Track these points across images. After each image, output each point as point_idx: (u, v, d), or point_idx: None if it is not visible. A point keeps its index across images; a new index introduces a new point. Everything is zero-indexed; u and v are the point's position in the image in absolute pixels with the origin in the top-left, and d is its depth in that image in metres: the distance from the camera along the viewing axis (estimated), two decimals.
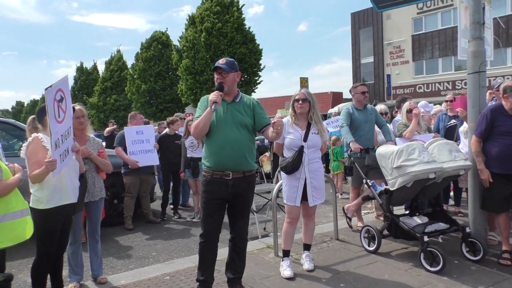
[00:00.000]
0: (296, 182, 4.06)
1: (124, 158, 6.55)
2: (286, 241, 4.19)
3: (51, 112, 3.00)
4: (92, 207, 4.06)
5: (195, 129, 3.37)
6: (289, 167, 4.02)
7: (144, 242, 5.81)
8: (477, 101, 4.48)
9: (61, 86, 3.20)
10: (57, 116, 3.10)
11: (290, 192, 4.09)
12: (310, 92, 4.14)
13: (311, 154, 4.05)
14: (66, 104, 3.28)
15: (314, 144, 4.05)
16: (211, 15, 25.80)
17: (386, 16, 29.59)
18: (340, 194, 8.71)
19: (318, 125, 4.08)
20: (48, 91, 2.99)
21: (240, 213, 3.56)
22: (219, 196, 3.41)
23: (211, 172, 3.41)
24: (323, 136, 4.12)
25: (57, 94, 3.13)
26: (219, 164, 3.38)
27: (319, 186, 4.12)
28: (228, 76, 3.43)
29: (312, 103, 4.07)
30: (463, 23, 4.74)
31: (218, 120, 3.39)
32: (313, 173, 4.07)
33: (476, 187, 4.48)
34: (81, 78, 48.94)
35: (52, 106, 3.03)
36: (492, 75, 18.22)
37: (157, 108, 33.79)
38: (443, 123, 6.33)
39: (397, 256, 4.50)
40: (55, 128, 3.05)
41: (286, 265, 4.07)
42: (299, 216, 4.23)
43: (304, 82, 17.82)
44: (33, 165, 3.17)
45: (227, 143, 3.35)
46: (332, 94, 34.22)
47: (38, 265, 3.31)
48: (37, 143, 3.26)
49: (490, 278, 3.83)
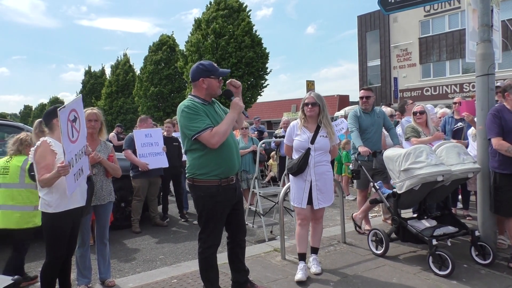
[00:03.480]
0: (302, 184, 4.05)
1: (134, 161, 6.58)
2: (300, 244, 4.14)
3: (64, 132, 2.98)
4: (100, 211, 4.08)
5: (223, 137, 3.16)
6: (294, 169, 4.03)
7: (152, 245, 5.82)
8: (485, 103, 4.45)
9: (74, 106, 3.20)
10: (70, 136, 3.09)
11: (297, 193, 4.10)
12: (320, 95, 4.14)
13: (318, 157, 4.04)
14: (80, 123, 3.27)
15: (321, 146, 4.04)
16: (219, 17, 25.86)
17: (393, 19, 29.49)
18: (347, 195, 8.72)
19: (327, 128, 4.08)
20: (62, 112, 2.98)
21: (242, 214, 3.58)
22: (230, 203, 3.37)
23: (219, 181, 3.24)
24: (332, 140, 4.10)
25: (71, 114, 3.13)
26: (230, 170, 3.32)
27: (325, 190, 4.09)
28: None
29: (322, 107, 4.08)
30: (471, 26, 4.72)
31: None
32: (319, 176, 4.05)
33: (485, 190, 4.45)
34: (90, 82, 49.29)
35: (66, 126, 3.02)
36: (501, 78, 18.09)
37: (164, 112, 33.91)
38: (450, 126, 6.30)
39: (405, 259, 4.46)
40: (69, 147, 3.05)
41: (299, 268, 4.03)
42: (310, 219, 4.21)
43: (311, 85, 17.82)
44: (42, 169, 3.17)
45: (233, 148, 3.36)
46: (338, 97, 34.17)
47: (48, 269, 3.32)
48: (45, 147, 3.25)
49: (500, 282, 3.79)
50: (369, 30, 31.81)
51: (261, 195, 6.06)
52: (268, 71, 27.19)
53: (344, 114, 13.03)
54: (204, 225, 3.31)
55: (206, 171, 3.23)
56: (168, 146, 7.08)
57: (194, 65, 3.38)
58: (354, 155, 5.44)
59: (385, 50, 30.61)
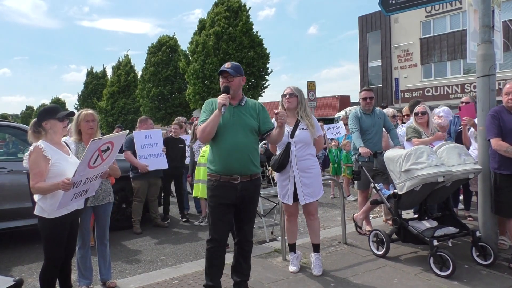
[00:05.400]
0: (286, 180, 4.05)
1: (134, 162, 6.58)
2: (289, 235, 4.30)
3: (87, 158, 2.97)
4: (100, 212, 4.07)
5: (202, 133, 3.32)
6: (276, 165, 4.03)
7: (152, 246, 5.82)
8: (486, 104, 4.44)
9: (114, 140, 3.18)
10: (91, 162, 3.05)
11: (282, 190, 4.12)
12: (298, 88, 4.14)
13: (300, 151, 4.01)
14: (110, 154, 3.23)
15: (301, 139, 4.01)
16: (222, 19, 25.90)
17: (394, 20, 29.49)
18: (347, 196, 8.71)
19: (306, 120, 4.05)
20: (95, 142, 2.95)
21: (248, 216, 3.55)
22: (227, 200, 3.38)
23: (219, 176, 3.37)
24: (312, 132, 4.05)
25: (105, 145, 3.10)
26: (227, 168, 3.35)
27: (311, 184, 4.04)
28: (234, 80, 3.41)
29: (300, 98, 4.08)
30: (472, 26, 4.72)
31: (226, 123, 3.36)
32: (303, 171, 4.02)
33: (487, 191, 4.44)
34: (91, 83, 49.38)
35: (91, 154, 2.99)
36: (502, 78, 18.07)
37: (165, 112, 33.95)
38: (455, 127, 6.26)
39: (406, 260, 4.46)
40: (82, 172, 3.01)
41: (290, 260, 4.24)
42: (297, 214, 4.26)
43: (312, 86, 17.74)
44: (36, 176, 3.09)
45: (235, 147, 3.34)
46: (339, 97, 34.16)
47: (47, 271, 3.31)
48: (38, 153, 3.15)
49: (501, 282, 3.78)
50: (370, 30, 31.81)
51: (261, 196, 6.06)
52: (269, 71, 27.24)
53: (345, 114, 13.01)
54: (207, 216, 3.62)
55: (209, 165, 3.49)
56: (173, 147, 7.12)
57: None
58: (355, 156, 5.44)
59: (386, 51, 30.60)
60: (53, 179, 3.11)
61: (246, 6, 27.18)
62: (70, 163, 3.30)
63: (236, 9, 26.53)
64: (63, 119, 3.35)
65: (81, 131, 3.97)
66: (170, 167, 6.98)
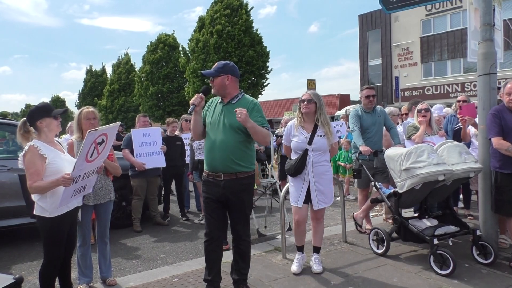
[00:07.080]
0: (301, 183, 4.05)
1: (131, 161, 6.57)
2: (297, 239, 4.29)
3: (84, 153, 2.97)
4: (101, 210, 4.07)
5: (191, 130, 3.63)
6: (291, 170, 4.03)
7: (152, 244, 5.82)
8: (487, 103, 4.44)
9: (107, 132, 3.20)
10: (88, 156, 3.06)
11: (294, 192, 4.11)
12: (317, 93, 4.11)
13: (316, 157, 4.01)
14: (105, 147, 3.26)
15: (319, 147, 4.01)
16: (222, 17, 25.85)
17: (394, 18, 29.46)
18: (347, 194, 8.70)
19: (325, 127, 4.04)
20: (91, 134, 2.97)
21: (236, 215, 3.51)
22: (213, 196, 3.46)
23: (207, 173, 3.51)
24: (330, 139, 4.06)
25: (100, 137, 3.12)
26: (210, 165, 3.47)
27: (325, 190, 4.06)
28: (215, 81, 3.50)
29: (319, 105, 4.04)
30: (472, 25, 4.71)
31: (212, 121, 3.48)
32: (318, 177, 4.03)
33: (487, 189, 4.44)
34: (91, 81, 49.38)
35: (88, 146, 3.01)
36: (502, 77, 18.06)
37: (164, 111, 33.92)
38: (451, 125, 6.28)
39: (406, 259, 4.46)
40: (81, 166, 3.02)
41: (296, 259, 4.22)
42: (306, 218, 4.21)
43: (312, 84, 17.78)
44: (33, 175, 3.06)
45: (215, 144, 3.40)
46: (339, 96, 34.14)
47: (46, 269, 3.30)
48: (33, 153, 3.11)
49: (501, 281, 3.79)
50: (371, 29, 31.79)
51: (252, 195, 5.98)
52: (269, 70, 27.22)
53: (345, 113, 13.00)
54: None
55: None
56: (171, 145, 7.10)
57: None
58: (355, 154, 5.43)
59: (387, 49, 30.59)
60: (50, 177, 3.10)
61: (248, 6, 27.13)
62: (66, 161, 3.30)
63: (236, 7, 26.49)
64: (58, 117, 3.35)
65: (82, 129, 3.97)
66: (170, 166, 6.98)
